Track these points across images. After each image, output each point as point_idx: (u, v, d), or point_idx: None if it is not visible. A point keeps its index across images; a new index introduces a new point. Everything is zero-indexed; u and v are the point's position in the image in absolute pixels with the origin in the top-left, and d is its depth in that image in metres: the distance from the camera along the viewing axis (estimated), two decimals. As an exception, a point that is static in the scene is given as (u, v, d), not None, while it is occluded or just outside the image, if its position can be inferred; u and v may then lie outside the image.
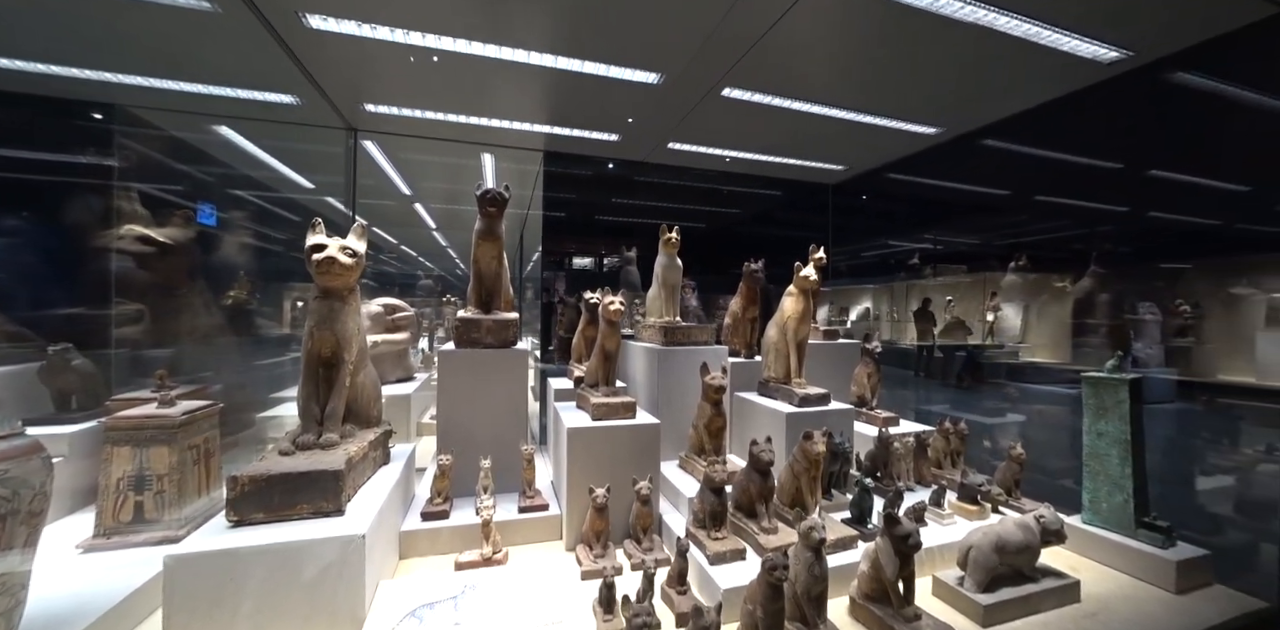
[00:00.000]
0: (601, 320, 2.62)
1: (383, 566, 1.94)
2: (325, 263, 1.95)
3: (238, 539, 1.54)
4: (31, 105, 2.92)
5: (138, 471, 2.07)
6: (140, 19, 2.26)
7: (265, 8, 2.04)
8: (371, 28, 2.31)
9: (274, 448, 1.92)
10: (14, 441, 1.41)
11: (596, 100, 3.01)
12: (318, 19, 2.13)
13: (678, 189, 4.85)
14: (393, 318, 4.34)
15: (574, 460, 2.32)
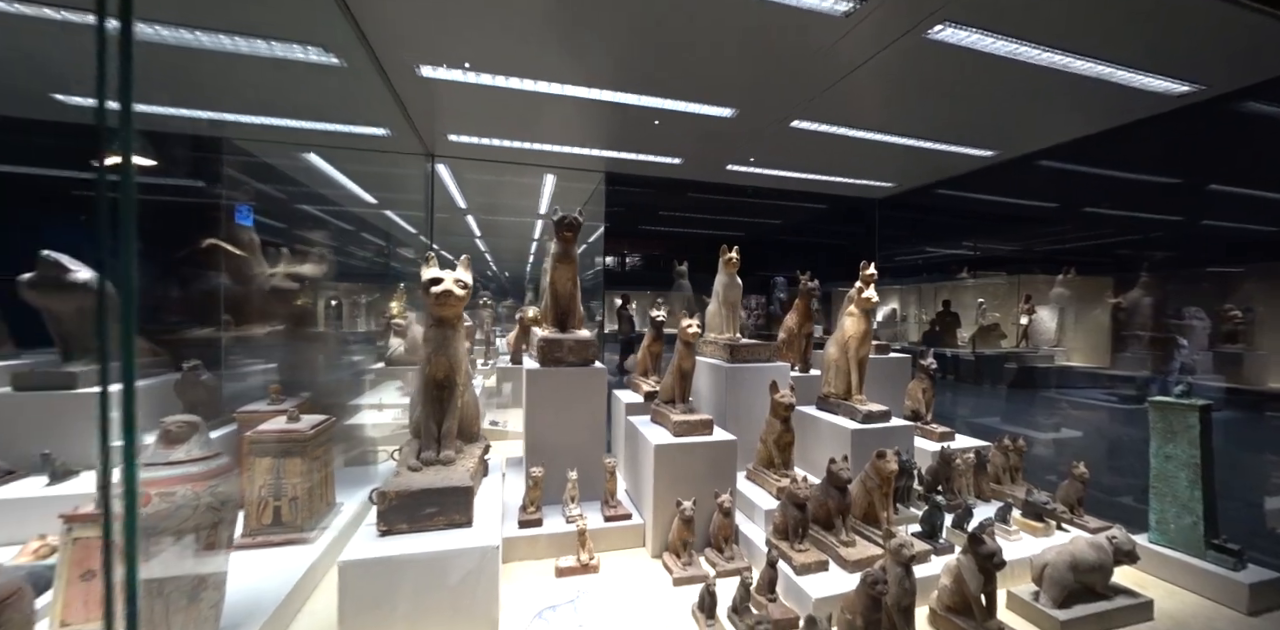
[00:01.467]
0: (679, 341, 2.78)
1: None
2: (443, 295, 2.15)
3: (392, 547, 1.76)
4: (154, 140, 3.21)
5: (276, 480, 2.31)
6: (269, 70, 2.50)
7: (386, 62, 2.25)
8: (464, 73, 2.50)
9: (401, 461, 2.14)
10: (218, 461, 1.64)
11: (668, 131, 3.18)
12: (428, 69, 2.34)
13: (721, 203, 4.98)
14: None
15: (659, 474, 2.49)
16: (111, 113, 0.85)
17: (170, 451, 1.58)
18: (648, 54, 2.40)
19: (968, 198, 4.40)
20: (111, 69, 0.82)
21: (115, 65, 0.83)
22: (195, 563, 1.56)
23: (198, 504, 1.55)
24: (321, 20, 1.94)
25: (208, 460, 1.63)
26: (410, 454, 2.19)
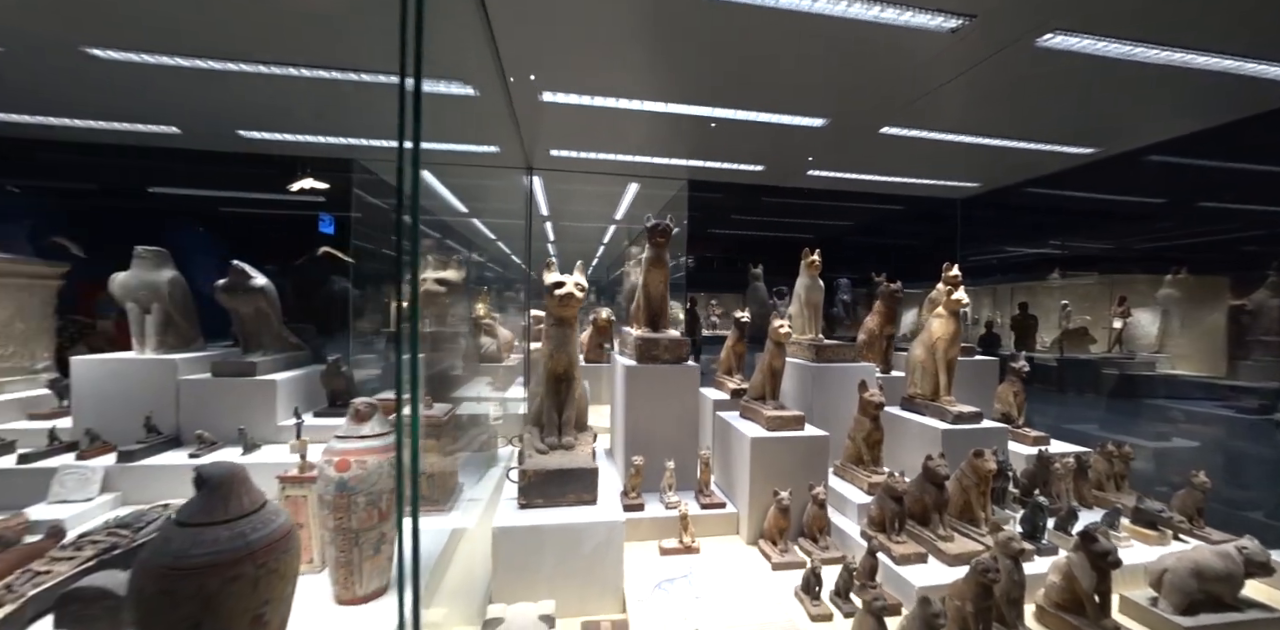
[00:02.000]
0: (770, 341, 2.92)
1: (612, 546, 2.36)
2: (566, 298, 2.40)
3: (533, 518, 2.01)
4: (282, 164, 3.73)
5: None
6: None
7: (516, 92, 2.54)
8: (579, 96, 2.76)
9: (528, 445, 2.41)
10: (393, 437, 1.95)
11: (755, 140, 3.32)
12: (549, 94, 2.61)
13: (794, 206, 5.04)
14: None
15: (755, 466, 2.64)
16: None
17: (360, 427, 1.90)
18: (747, 72, 2.56)
19: (1060, 196, 4.23)
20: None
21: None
22: (379, 520, 1.87)
23: (382, 472, 1.86)
24: (476, 63, 2.25)
25: (385, 436, 1.94)
26: (535, 439, 2.46)
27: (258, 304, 2.97)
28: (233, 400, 2.83)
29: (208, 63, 2.36)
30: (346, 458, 1.80)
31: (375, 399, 1.97)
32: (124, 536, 1.96)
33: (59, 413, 2.91)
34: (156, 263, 2.91)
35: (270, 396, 2.88)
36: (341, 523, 1.78)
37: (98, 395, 2.74)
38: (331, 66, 2.52)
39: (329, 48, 2.34)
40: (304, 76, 2.57)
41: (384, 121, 3.43)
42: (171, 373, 2.80)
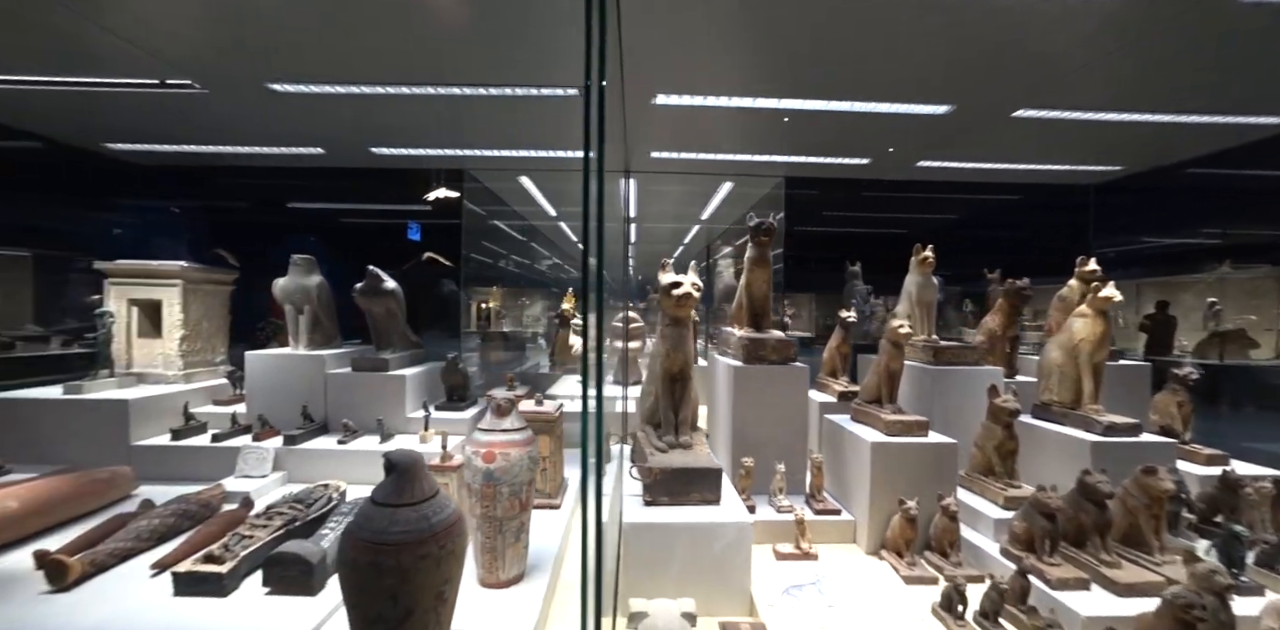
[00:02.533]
0: (887, 342, 2.77)
1: (729, 548, 2.34)
2: (684, 298, 2.41)
3: (663, 516, 2.03)
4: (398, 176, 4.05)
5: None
6: (510, 109, 3.03)
7: (630, 94, 2.60)
8: (689, 97, 2.76)
9: (645, 443, 2.44)
10: (529, 432, 2.05)
11: (865, 133, 3.17)
12: (661, 97, 2.64)
13: (893, 200, 4.75)
14: (630, 328, 5.00)
15: (875, 472, 2.51)
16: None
17: (501, 422, 2.02)
18: (864, 61, 2.44)
19: (1236, 175, 3.66)
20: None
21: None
22: (520, 510, 1.98)
23: (523, 464, 1.97)
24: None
25: (523, 430, 2.04)
26: (651, 437, 2.49)
27: (388, 305, 3.25)
28: (369, 393, 3.12)
29: (361, 88, 2.62)
30: (492, 450, 1.91)
31: (513, 395, 2.08)
32: (300, 510, 2.22)
33: (235, 399, 3.35)
34: (307, 269, 3.27)
35: (400, 390, 3.14)
36: (488, 511, 1.90)
37: (265, 385, 3.12)
38: (452, 83, 2.70)
39: (453, 65, 2.51)
40: (428, 94, 2.78)
41: (492, 132, 3.65)
42: (320, 367, 3.13)
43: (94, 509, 2.41)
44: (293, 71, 2.50)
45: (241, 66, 2.42)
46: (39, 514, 2.17)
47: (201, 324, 3.44)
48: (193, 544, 2.06)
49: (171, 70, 2.42)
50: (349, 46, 2.36)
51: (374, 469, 2.85)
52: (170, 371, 3.27)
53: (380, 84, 2.60)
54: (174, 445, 2.87)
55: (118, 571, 1.95)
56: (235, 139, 3.46)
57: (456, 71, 2.50)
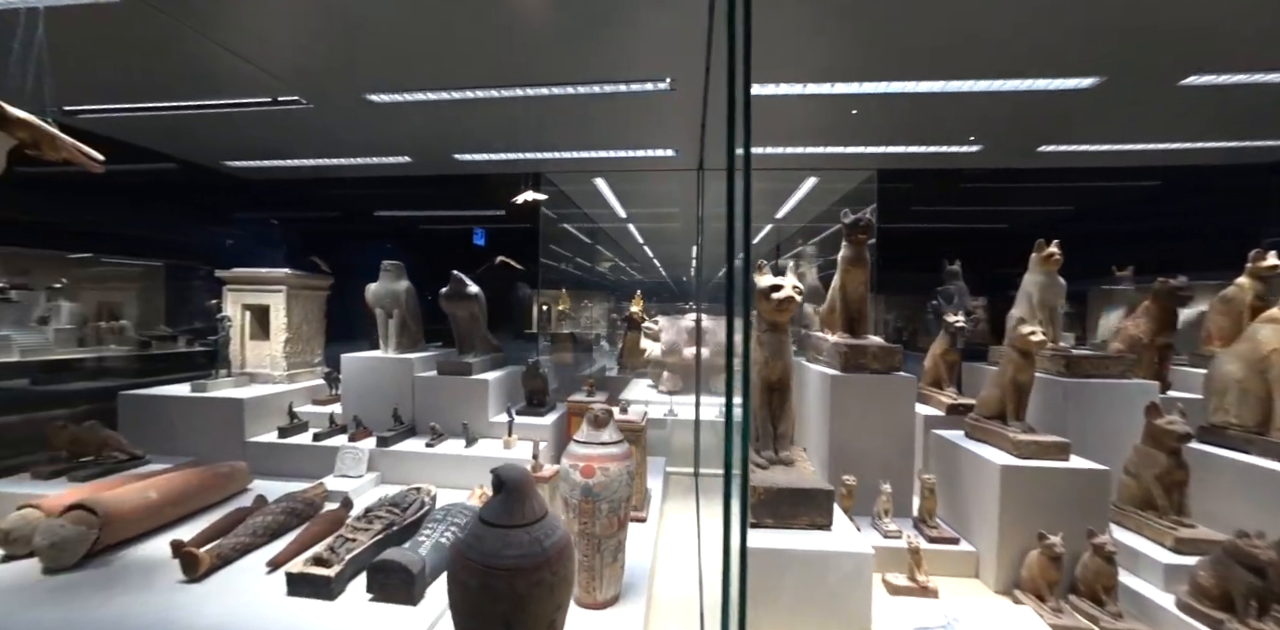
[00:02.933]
0: (1013, 350, 2.44)
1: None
2: (785, 302, 2.22)
3: (772, 540, 1.86)
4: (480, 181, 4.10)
5: None
6: (590, 107, 2.97)
7: (715, 86, 2.45)
8: (774, 87, 2.57)
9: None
10: (626, 445, 1.95)
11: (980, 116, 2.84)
12: (757, 87, 2.48)
13: (999, 190, 4.28)
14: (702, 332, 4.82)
15: (1006, 500, 2.21)
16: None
17: (599, 433, 1.93)
18: (992, 32, 2.15)
19: None
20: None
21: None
22: (618, 528, 1.88)
23: (621, 480, 1.86)
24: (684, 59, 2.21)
25: (621, 443, 1.94)
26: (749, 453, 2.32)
27: (471, 309, 3.29)
28: (453, 396, 3.16)
29: (451, 94, 2.64)
30: (591, 464, 1.82)
31: (611, 407, 1.99)
32: (397, 515, 2.24)
33: (331, 399, 3.52)
34: (396, 275, 3.37)
35: (483, 394, 3.16)
36: (586, 528, 1.81)
37: (359, 387, 3.24)
38: (540, 83, 2.66)
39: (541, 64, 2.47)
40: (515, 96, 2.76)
41: (570, 134, 3.62)
42: (409, 370, 3.21)
43: (217, 501, 2.57)
44: (389, 82, 2.57)
45: (343, 80, 2.52)
46: (174, 504, 2.33)
47: (302, 327, 3.64)
48: (300, 543, 2.13)
49: (283, 87, 2.56)
50: (440, 53, 2.38)
51: (460, 473, 2.90)
52: (276, 372, 3.48)
53: (470, 88, 2.61)
54: (280, 443, 3.04)
55: (238, 565, 2.04)
56: (331, 151, 3.66)
57: (544, 71, 2.46)
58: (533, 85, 2.56)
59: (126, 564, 2.04)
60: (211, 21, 2.09)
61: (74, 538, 1.97)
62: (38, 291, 5.66)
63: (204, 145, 3.65)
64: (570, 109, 2.87)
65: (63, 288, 5.81)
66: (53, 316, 5.74)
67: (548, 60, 2.38)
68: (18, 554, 2.05)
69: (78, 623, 1.68)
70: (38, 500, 2.16)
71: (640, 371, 5.20)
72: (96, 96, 2.66)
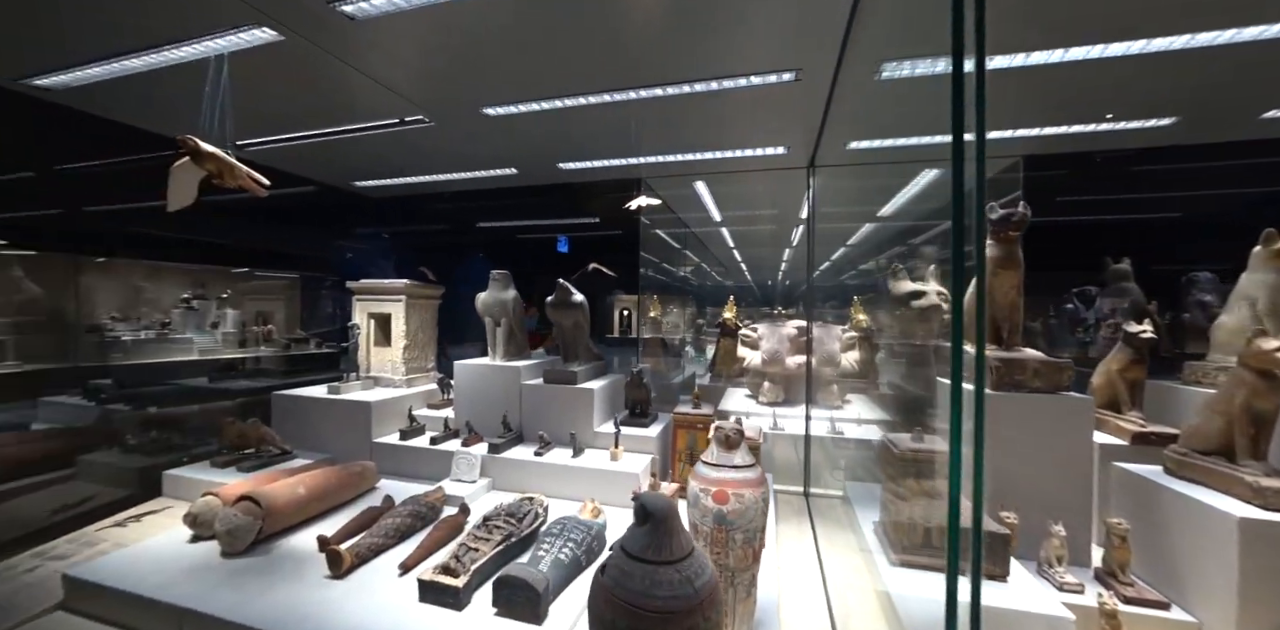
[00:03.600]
0: (1246, 371, 1.94)
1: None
2: (930, 311, 1.95)
3: (927, 585, 1.59)
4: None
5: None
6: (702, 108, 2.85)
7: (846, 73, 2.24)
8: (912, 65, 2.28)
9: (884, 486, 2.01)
10: (759, 469, 1.78)
11: (1181, 81, 2.33)
12: (891, 67, 2.23)
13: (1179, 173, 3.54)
14: (804, 340, 4.50)
15: (1247, 562, 1.74)
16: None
17: (731, 456, 1.77)
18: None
19: None
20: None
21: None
22: (752, 561, 1.71)
23: (757, 508, 1.70)
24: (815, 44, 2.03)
25: (755, 467, 1.77)
26: (885, 481, 2.06)
27: (576, 318, 3.29)
28: (560, 405, 3.16)
29: (565, 101, 2.66)
30: (724, 489, 1.68)
31: (740, 427, 1.83)
32: (514, 525, 2.23)
33: (444, 403, 3.70)
34: (504, 284, 3.47)
35: (589, 403, 3.13)
36: (718, 559, 1.66)
37: (470, 393, 3.36)
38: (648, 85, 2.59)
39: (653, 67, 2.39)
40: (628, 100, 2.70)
41: (676, 137, 3.52)
42: (516, 378, 3.27)
43: (349, 499, 2.74)
44: (505, 94, 2.63)
45: (462, 95, 2.61)
46: (318, 500, 2.51)
47: (418, 334, 3.86)
48: (426, 547, 2.19)
49: (410, 107, 2.72)
50: (553, 60, 2.38)
51: (568, 484, 2.87)
52: (396, 376, 3.72)
53: (582, 95, 2.60)
54: (401, 445, 3.21)
55: (372, 565, 2.13)
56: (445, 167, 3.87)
57: (658, 71, 2.38)
58: (646, 86, 2.49)
59: (281, 554, 2.21)
60: (353, 51, 2.25)
61: (244, 527, 2.16)
62: (210, 301, 6.71)
63: (338, 167, 4.02)
64: (680, 109, 2.77)
65: (228, 297, 6.83)
66: (221, 322, 6.75)
67: (663, 59, 2.29)
68: (203, 535, 2.30)
69: (250, 607, 1.82)
70: (216, 488, 2.42)
71: (734, 380, 4.98)
72: (259, 129, 3.00)
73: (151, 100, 2.82)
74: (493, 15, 2.04)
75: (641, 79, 2.42)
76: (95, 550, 2.36)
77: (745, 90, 2.46)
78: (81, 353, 5.41)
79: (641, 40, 2.18)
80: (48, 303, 5.41)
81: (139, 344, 5.74)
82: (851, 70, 2.17)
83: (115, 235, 5.62)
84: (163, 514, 2.70)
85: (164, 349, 5.97)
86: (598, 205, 5.03)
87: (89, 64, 2.31)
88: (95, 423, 3.73)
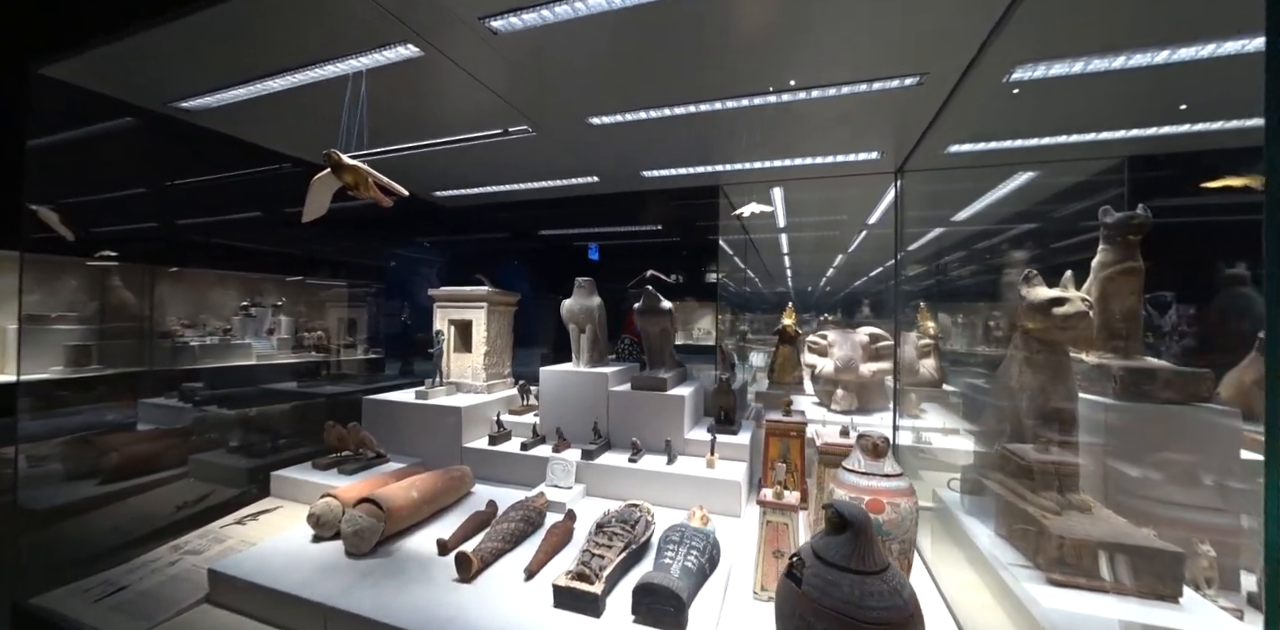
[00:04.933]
0: None
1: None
2: (1075, 318, 1.90)
3: (1093, 608, 1.53)
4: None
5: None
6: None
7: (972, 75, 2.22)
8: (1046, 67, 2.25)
9: (1012, 497, 1.95)
10: (907, 479, 1.75)
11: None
12: (1027, 68, 2.20)
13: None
14: (876, 346, 4.43)
15: None
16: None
17: (880, 463, 1.75)
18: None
19: None
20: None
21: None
22: (906, 574, 1.68)
23: (911, 518, 1.67)
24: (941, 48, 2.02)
25: (904, 477, 1.75)
26: (1020, 491, 2.00)
27: (664, 324, 3.31)
28: (649, 411, 3.17)
29: (675, 110, 2.70)
30: (879, 498, 1.66)
31: (883, 434, 1.80)
32: (630, 533, 2.24)
33: (524, 409, 3.75)
34: (590, 290, 3.51)
35: (679, 410, 3.13)
36: (873, 569, 1.63)
37: (555, 399, 3.40)
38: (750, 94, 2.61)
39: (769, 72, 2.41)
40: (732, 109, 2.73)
41: (769, 143, 3.52)
42: (603, 384, 3.30)
43: (452, 502, 2.79)
44: (611, 105, 2.69)
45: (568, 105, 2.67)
46: (428, 503, 2.57)
47: (497, 340, 3.94)
48: (545, 552, 2.21)
49: (516, 117, 2.80)
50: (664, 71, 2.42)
51: (664, 491, 2.87)
52: (477, 382, 3.79)
53: (693, 103, 2.64)
54: (492, 449, 3.26)
55: (495, 569, 2.16)
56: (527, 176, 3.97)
57: (775, 76, 2.39)
58: (757, 94, 2.50)
59: (404, 556, 2.26)
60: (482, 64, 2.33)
61: (370, 528, 2.23)
62: (266, 308, 7.04)
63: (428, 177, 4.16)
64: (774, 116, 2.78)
65: (282, 305, 7.15)
66: (276, 328, 7.06)
67: (776, 68, 2.31)
68: (324, 536, 2.37)
69: (391, 608, 1.87)
70: (333, 490, 2.50)
71: (790, 387, 4.92)
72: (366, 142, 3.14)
73: (278, 119, 2.96)
74: (624, 29, 2.08)
75: (752, 87, 2.44)
76: (225, 546, 2.46)
77: (849, 97, 2.46)
78: (157, 357, 5.72)
79: (760, 48, 2.20)
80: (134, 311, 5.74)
81: (205, 349, 6.05)
82: (982, 72, 2.14)
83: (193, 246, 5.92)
84: (276, 513, 2.79)
85: (228, 353, 6.29)
86: (660, 212, 5.07)
87: (234, 86, 2.45)
88: (198, 424, 3.90)
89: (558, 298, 3.55)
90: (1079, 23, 1.98)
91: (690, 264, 5.36)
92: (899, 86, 2.30)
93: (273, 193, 4.12)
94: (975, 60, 2.00)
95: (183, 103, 2.66)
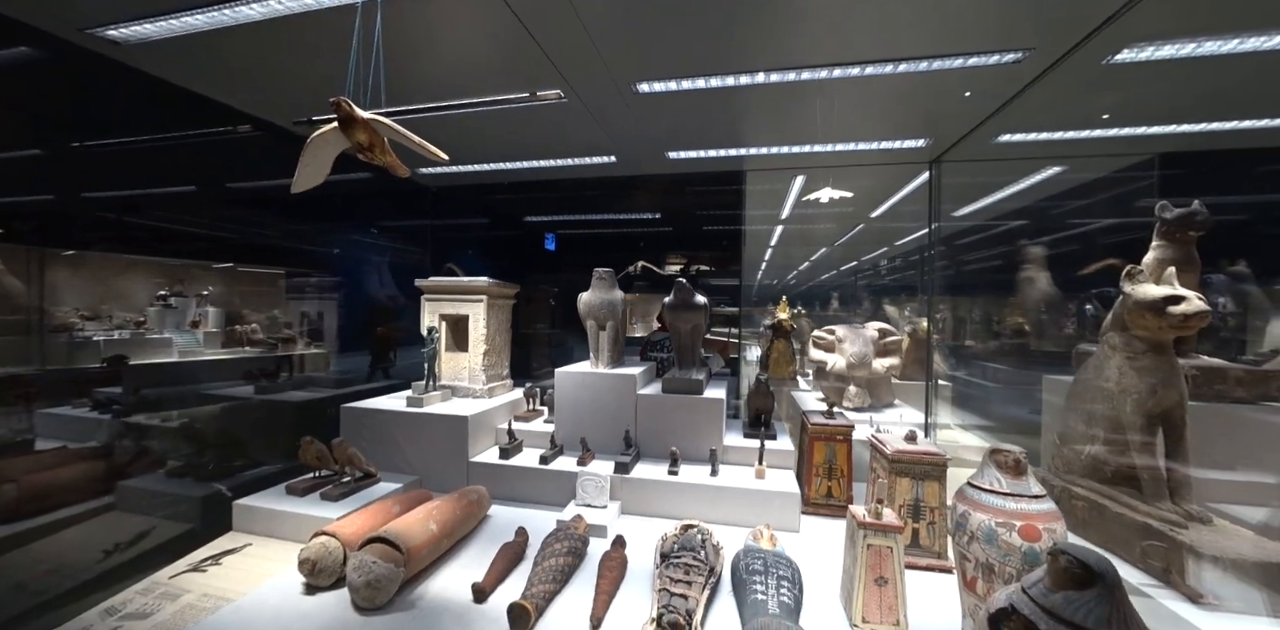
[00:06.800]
0: None
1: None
2: (1194, 318, 1.78)
3: None
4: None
5: (915, 501, 2.29)
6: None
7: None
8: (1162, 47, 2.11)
9: (1124, 509, 1.83)
10: (1051, 503, 1.55)
11: None
12: (1127, 52, 2.04)
13: None
14: (884, 341, 4.36)
15: None
16: None
17: (1022, 483, 1.54)
18: None
19: None
20: None
21: None
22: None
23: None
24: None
25: (1048, 498, 1.55)
26: (1136, 503, 1.88)
27: (697, 321, 3.00)
28: (684, 417, 2.88)
29: (740, 78, 2.37)
30: (1032, 523, 1.44)
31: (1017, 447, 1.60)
32: (703, 562, 1.94)
33: (531, 414, 3.33)
34: (610, 283, 3.14)
35: (717, 414, 2.86)
36: (1027, 605, 1.42)
37: (574, 404, 3.02)
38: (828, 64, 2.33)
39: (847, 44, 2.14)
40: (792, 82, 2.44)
41: (793, 130, 3.24)
42: (631, 386, 2.96)
43: (469, 531, 2.38)
44: (664, 69, 2.31)
45: (617, 68, 2.27)
46: (448, 536, 2.16)
47: (496, 338, 3.48)
48: (606, 593, 1.87)
49: (552, 79, 2.36)
50: (720, 30, 2.08)
51: (711, 506, 2.58)
52: (476, 385, 3.33)
53: (756, 72, 2.31)
54: (504, 464, 2.84)
55: (552, 617, 1.79)
56: (536, 153, 3.50)
57: (842, 50, 2.12)
58: (839, 65, 2.20)
59: (433, 607, 1.84)
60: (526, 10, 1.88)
61: (386, 576, 1.79)
62: (189, 298, 6.10)
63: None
64: (824, 96, 2.52)
65: (209, 294, 6.22)
66: (202, 320, 6.14)
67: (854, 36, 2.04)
68: (321, 585, 1.90)
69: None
70: (327, 526, 2.02)
71: (784, 383, 4.79)
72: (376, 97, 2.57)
73: (243, 62, 2.30)
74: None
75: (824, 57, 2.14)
76: (182, 604, 1.92)
77: (917, 74, 2.23)
78: (51, 355, 4.77)
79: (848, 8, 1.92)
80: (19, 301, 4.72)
81: (111, 344, 5.12)
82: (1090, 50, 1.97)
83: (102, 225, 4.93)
84: (243, 554, 2.26)
85: (142, 349, 5.36)
86: (655, 200, 4.71)
87: (186, 10, 1.84)
88: (123, 439, 3.18)
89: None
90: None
91: (713, 253, 5.06)
92: (997, 62, 2.10)
93: (221, 162, 3.39)
94: (1095, 32, 1.82)
95: (107, 30, 1.99)
